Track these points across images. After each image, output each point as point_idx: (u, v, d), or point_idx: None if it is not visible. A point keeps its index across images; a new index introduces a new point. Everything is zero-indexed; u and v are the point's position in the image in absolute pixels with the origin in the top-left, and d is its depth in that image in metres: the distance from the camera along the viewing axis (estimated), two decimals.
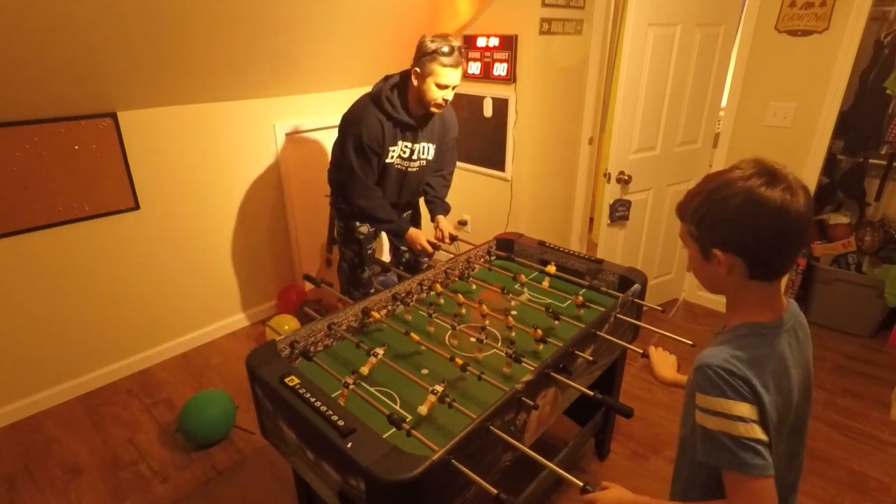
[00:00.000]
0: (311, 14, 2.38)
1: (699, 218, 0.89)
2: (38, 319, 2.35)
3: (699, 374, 0.87)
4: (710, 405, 0.85)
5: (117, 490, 2.02)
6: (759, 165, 0.85)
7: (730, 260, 0.87)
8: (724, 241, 0.87)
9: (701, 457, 0.88)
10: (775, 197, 0.81)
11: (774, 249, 0.85)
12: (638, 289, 1.79)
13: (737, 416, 0.82)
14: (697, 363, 0.88)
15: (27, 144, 2.13)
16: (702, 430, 0.87)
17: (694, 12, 2.60)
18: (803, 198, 0.82)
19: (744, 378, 0.83)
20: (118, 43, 1.98)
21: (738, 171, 0.85)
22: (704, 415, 0.86)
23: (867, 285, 2.87)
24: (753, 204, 0.82)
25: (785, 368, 0.89)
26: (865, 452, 2.18)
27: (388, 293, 1.78)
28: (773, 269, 0.88)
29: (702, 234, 0.90)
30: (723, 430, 0.83)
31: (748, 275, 0.88)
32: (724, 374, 0.83)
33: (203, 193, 2.73)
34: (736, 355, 0.85)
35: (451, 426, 1.27)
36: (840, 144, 2.97)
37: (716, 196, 0.86)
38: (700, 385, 0.87)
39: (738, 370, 0.83)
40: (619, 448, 2.19)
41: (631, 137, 2.72)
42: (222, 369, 2.73)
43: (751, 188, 0.82)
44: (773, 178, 0.82)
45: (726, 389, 0.83)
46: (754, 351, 0.87)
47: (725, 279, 0.90)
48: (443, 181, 2.43)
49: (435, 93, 2.00)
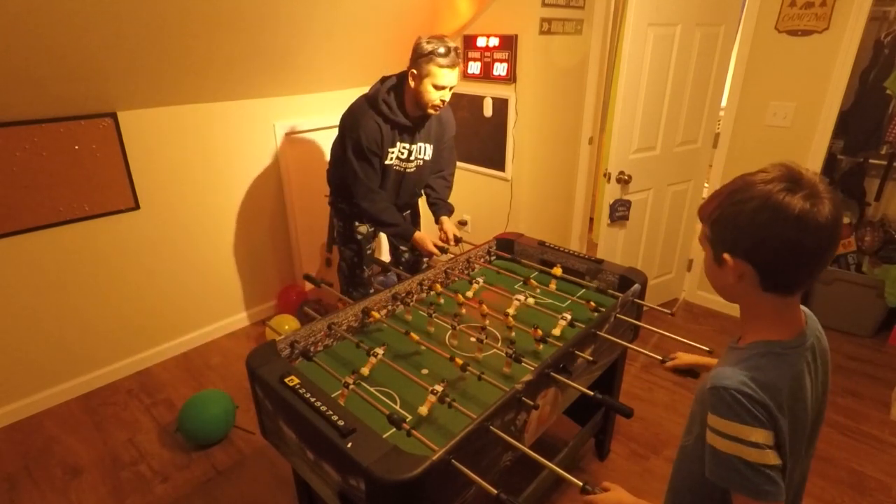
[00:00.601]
0: (311, 14, 2.38)
1: (714, 219, 0.85)
2: (38, 319, 2.35)
3: (714, 395, 0.83)
4: (724, 428, 0.81)
5: (117, 490, 2.02)
6: (785, 169, 0.79)
7: (740, 267, 0.82)
8: (734, 247, 0.82)
9: (710, 475, 0.85)
10: (794, 204, 0.75)
11: (789, 261, 0.79)
12: (638, 289, 1.79)
13: (752, 443, 0.79)
14: (712, 383, 0.83)
15: (27, 144, 2.13)
16: (713, 451, 0.83)
17: (694, 12, 2.60)
18: (828, 208, 0.76)
19: (762, 403, 0.79)
20: (118, 43, 1.98)
21: (763, 174, 0.80)
22: (717, 437, 0.82)
23: (867, 285, 2.87)
24: (769, 210, 0.77)
25: (802, 388, 0.85)
26: (865, 452, 2.18)
27: (388, 293, 1.78)
28: (788, 282, 0.82)
29: (715, 237, 0.86)
30: (736, 455, 0.80)
31: (761, 286, 0.83)
32: (741, 399, 0.79)
33: (203, 193, 2.73)
34: (753, 377, 0.81)
35: (451, 426, 1.27)
36: (840, 144, 2.97)
37: (734, 198, 0.81)
38: (715, 407, 0.83)
39: (756, 395, 0.79)
40: (619, 448, 2.19)
41: (631, 137, 2.72)
42: (222, 369, 2.73)
43: (769, 193, 0.77)
44: (796, 183, 0.77)
45: (743, 415, 0.79)
46: (772, 373, 0.82)
47: (736, 287, 0.86)
48: (444, 182, 2.43)
49: (432, 94, 2.00)
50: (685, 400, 2.45)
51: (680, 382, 2.53)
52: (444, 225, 2.35)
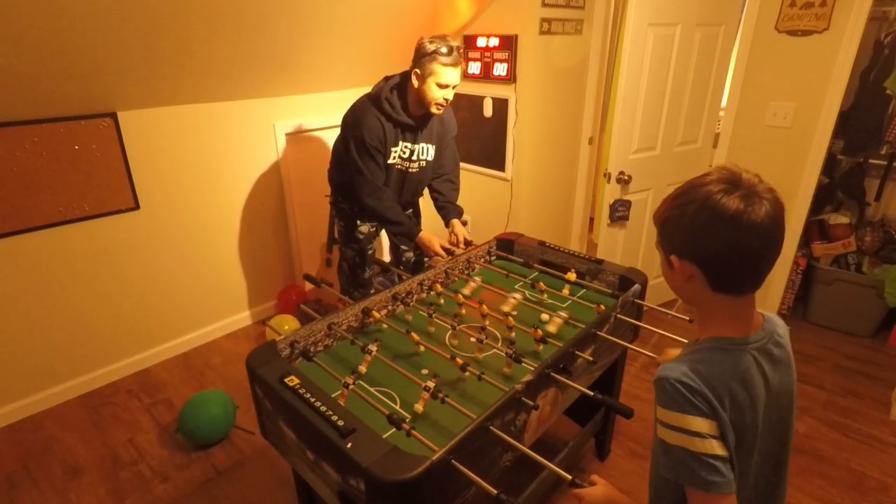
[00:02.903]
0: (311, 14, 2.38)
1: (661, 223, 0.88)
2: (38, 319, 2.35)
3: (657, 386, 0.85)
4: (667, 419, 0.83)
5: (117, 490, 2.02)
6: (725, 172, 0.81)
7: (685, 268, 0.84)
8: (680, 249, 0.85)
9: (663, 471, 0.86)
10: (729, 205, 0.77)
11: (730, 261, 0.81)
12: (638, 289, 1.79)
13: (694, 432, 0.80)
14: (656, 376, 0.86)
15: (27, 144, 2.13)
16: (662, 444, 0.85)
17: (694, 12, 2.60)
18: (765, 208, 0.77)
19: (700, 393, 0.81)
20: (118, 43, 1.98)
21: (707, 176, 0.82)
22: (664, 428, 0.84)
23: (867, 285, 2.87)
24: (707, 211, 0.79)
25: (748, 388, 0.85)
26: (865, 452, 2.18)
27: (388, 293, 1.78)
28: (732, 282, 0.84)
29: (663, 240, 0.88)
30: (681, 445, 0.82)
31: (710, 286, 0.84)
32: (680, 388, 0.81)
33: (203, 193, 2.73)
34: (695, 368, 0.83)
35: (451, 426, 1.27)
36: (840, 144, 2.97)
37: (678, 201, 0.84)
38: (658, 397, 0.85)
39: (694, 384, 0.81)
40: (619, 448, 2.19)
41: (631, 137, 2.72)
42: (222, 369, 2.73)
43: (708, 194, 0.79)
44: (734, 185, 0.78)
45: (683, 403, 0.81)
46: (716, 366, 0.84)
47: (686, 288, 0.88)
48: (451, 185, 2.43)
49: (436, 93, 2.01)
50: None
51: None
52: (454, 228, 2.34)
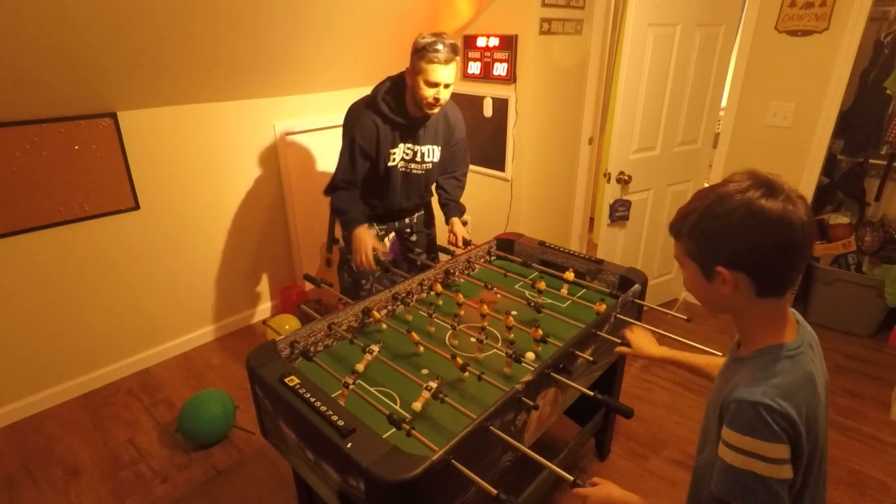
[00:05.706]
0: (311, 14, 2.38)
1: (698, 235, 0.85)
2: (38, 319, 2.35)
3: (735, 409, 0.82)
4: (741, 444, 0.80)
5: (117, 490, 2.02)
6: (754, 177, 0.82)
7: (735, 277, 0.83)
8: (727, 259, 0.83)
9: (716, 489, 0.84)
10: (776, 208, 0.78)
11: (781, 262, 0.81)
12: (638, 289, 1.79)
13: (770, 459, 0.79)
14: (734, 397, 0.82)
15: (27, 144, 2.13)
16: (724, 465, 0.82)
17: (694, 12, 2.60)
18: (803, 207, 0.80)
19: (784, 415, 0.79)
20: (118, 43, 1.98)
21: (734, 184, 0.82)
22: (731, 451, 0.81)
23: (867, 285, 2.87)
24: (755, 216, 0.79)
25: (815, 389, 0.85)
26: (865, 452, 2.18)
27: (388, 293, 1.78)
28: (782, 283, 0.84)
29: (703, 253, 0.86)
30: (752, 470, 0.79)
31: (755, 292, 0.84)
32: (763, 414, 0.79)
33: (203, 193, 2.73)
34: (773, 385, 0.81)
35: (451, 426, 1.27)
36: (840, 144, 2.97)
37: (714, 211, 0.83)
38: (734, 421, 0.81)
39: (778, 406, 0.79)
40: (619, 448, 2.19)
41: (631, 137, 2.72)
42: (222, 369, 2.73)
43: (750, 200, 0.79)
44: (771, 188, 0.80)
45: (762, 430, 0.79)
46: (789, 376, 0.83)
47: (730, 298, 0.86)
48: (455, 182, 2.38)
49: (425, 91, 1.93)
50: (685, 400, 2.45)
51: (680, 382, 2.53)
52: (454, 227, 2.29)
